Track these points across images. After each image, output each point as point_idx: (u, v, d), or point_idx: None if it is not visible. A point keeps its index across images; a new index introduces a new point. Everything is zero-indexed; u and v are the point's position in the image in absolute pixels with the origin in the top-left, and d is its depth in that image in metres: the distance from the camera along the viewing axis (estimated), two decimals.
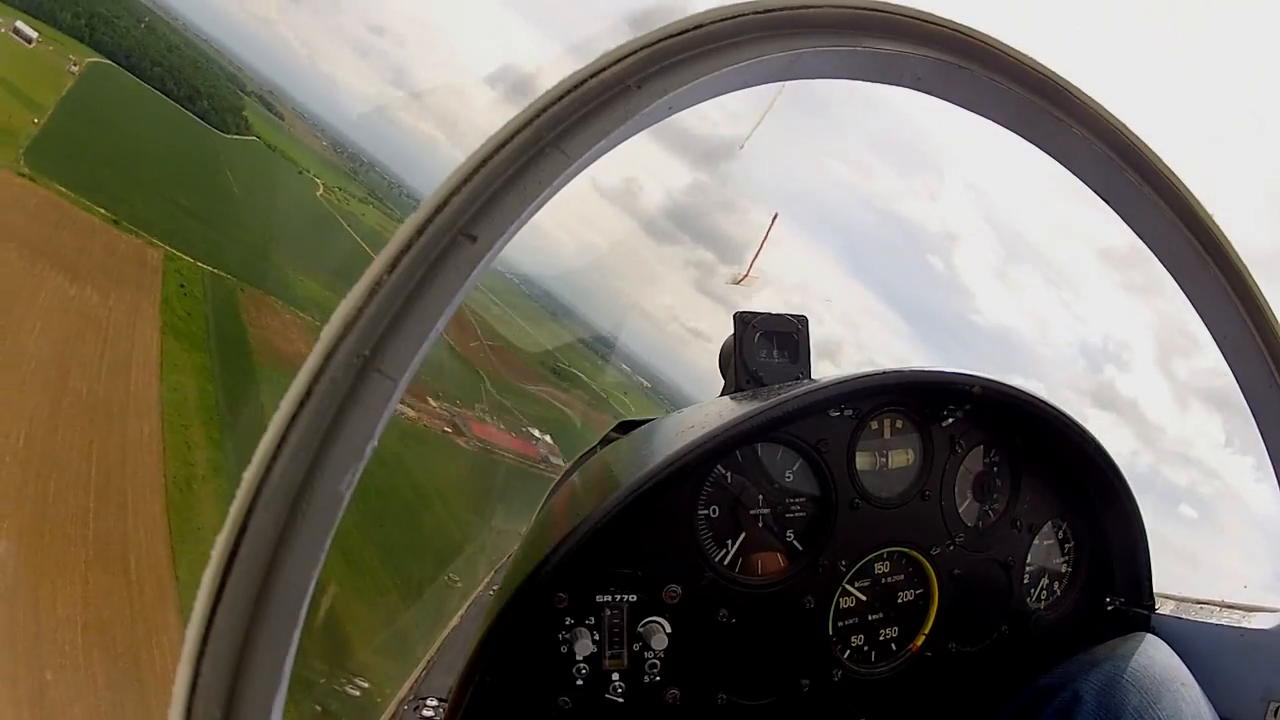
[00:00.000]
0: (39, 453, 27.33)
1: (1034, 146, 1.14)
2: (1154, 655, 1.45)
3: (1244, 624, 1.49)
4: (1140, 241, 1.22)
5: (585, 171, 0.77)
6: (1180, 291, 1.25)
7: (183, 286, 43.05)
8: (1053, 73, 1.06)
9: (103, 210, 43.32)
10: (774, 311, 1.69)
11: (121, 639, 23.54)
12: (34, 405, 28.88)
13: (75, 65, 57.64)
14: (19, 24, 55.56)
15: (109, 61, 63.52)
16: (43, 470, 26.88)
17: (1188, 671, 1.42)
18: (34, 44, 55.28)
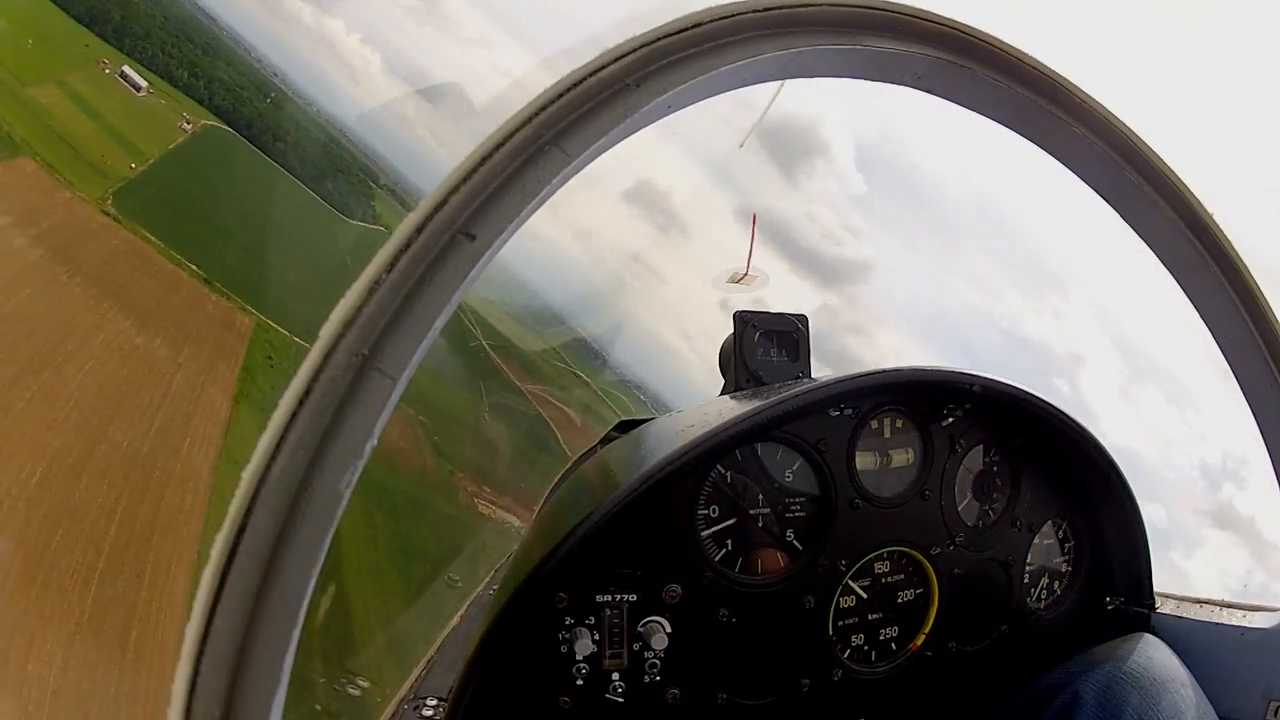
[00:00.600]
0: (53, 496, 24.55)
1: (1035, 145, 1.14)
2: (1154, 656, 1.45)
3: (1244, 623, 1.49)
4: (1141, 241, 1.22)
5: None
6: (1181, 290, 1.25)
7: (270, 359, 38.68)
8: (1053, 71, 1.06)
9: (194, 266, 40.45)
10: (774, 310, 1.69)
11: (97, 712, 20.62)
12: (61, 446, 26.24)
13: (189, 124, 55.27)
14: (127, 69, 53.86)
15: (227, 128, 60.19)
16: (52, 516, 24.02)
17: (1188, 672, 1.42)
18: (143, 93, 53.48)
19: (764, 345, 1.68)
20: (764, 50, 0.87)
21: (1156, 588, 1.69)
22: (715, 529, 1.38)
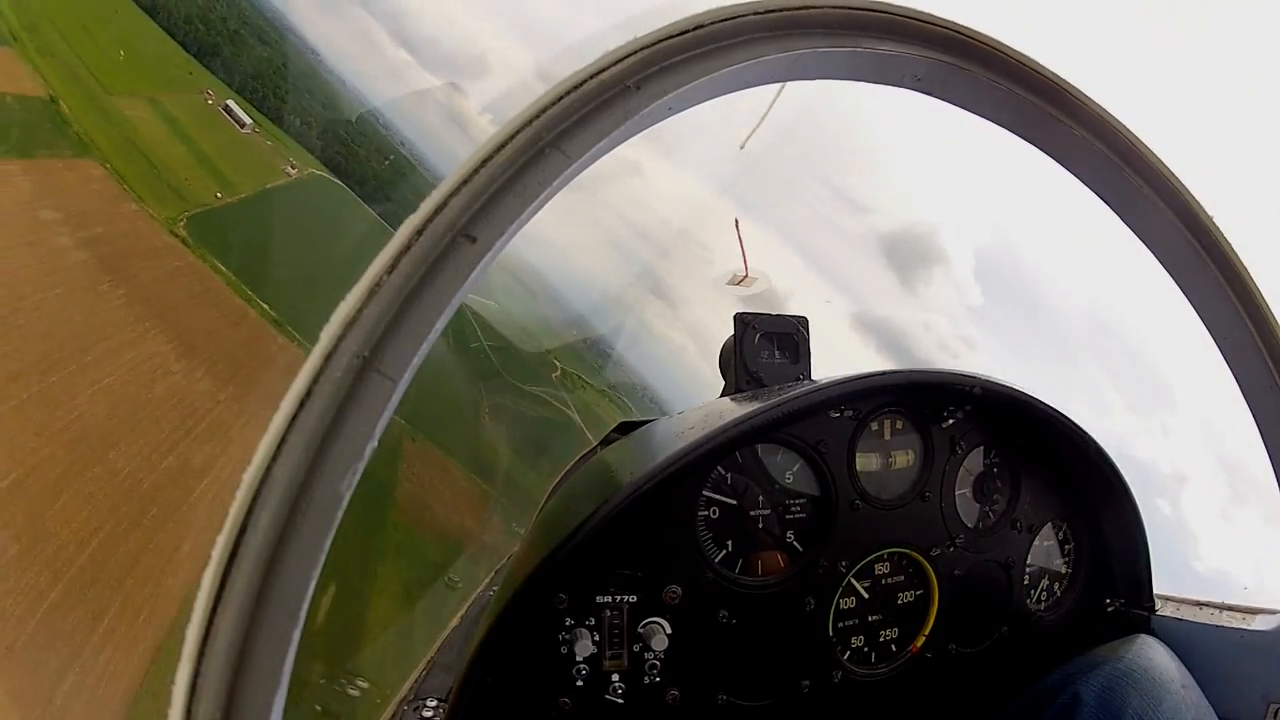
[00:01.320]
0: (21, 507, 21.39)
1: (1034, 147, 1.14)
2: (1154, 657, 1.45)
3: (1244, 625, 1.49)
4: (1140, 242, 1.23)
5: None
6: (1180, 293, 1.25)
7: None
8: (1053, 73, 1.06)
9: (265, 305, 37.36)
10: (774, 313, 1.69)
11: None
12: (46, 457, 23.29)
13: (294, 169, 52.93)
14: (231, 104, 51.89)
15: (337, 180, 58.09)
16: (14, 526, 21.00)
17: (1188, 673, 1.42)
18: (246, 129, 51.37)
19: (765, 347, 1.68)
20: (765, 52, 0.87)
21: (1156, 590, 1.70)
22: (715, 530, 1.38)
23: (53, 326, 27.63)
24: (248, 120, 52.02)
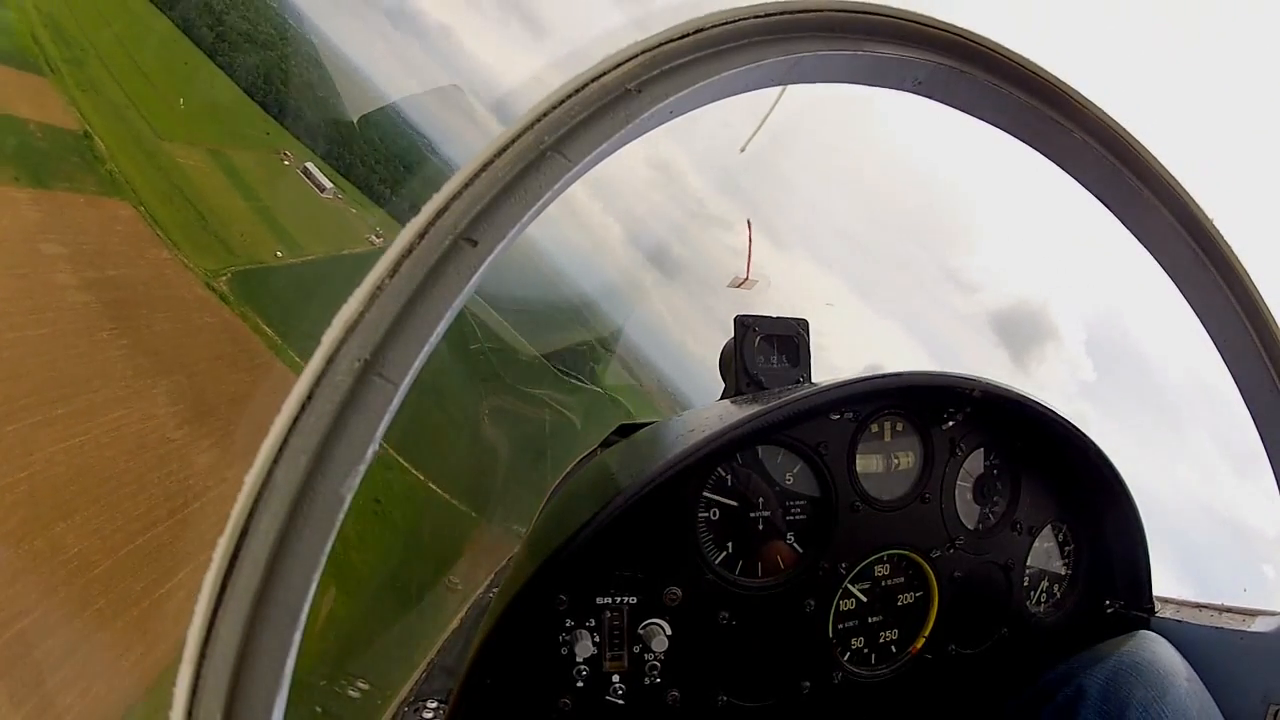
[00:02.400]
0: None
1: (1034, 150, 1.14)
2: (1158, 651, 1.45)
3: (1244, 627, 1.49)
4: (1140, 245, 1.23)
5: None
6: (1180, 295, 1.26)
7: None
8: (1053, 76, 1.06)
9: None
10: (774, 315, 1.70)
11: None
12: None
13: (379, 238, 46.63)
14: (310, 166, 47.21)
15: None
16: None
17: (1191, 668, 1.42)
18: (326, 194, 46.78)
19: (765, 350, 1.69)
20: (766, 55, 0.88)
21: (1156, 592, 1.70)
22: (716, 532, 1.39)
23: (23, 369, 22.63)
24: (329, 185, 48.15)
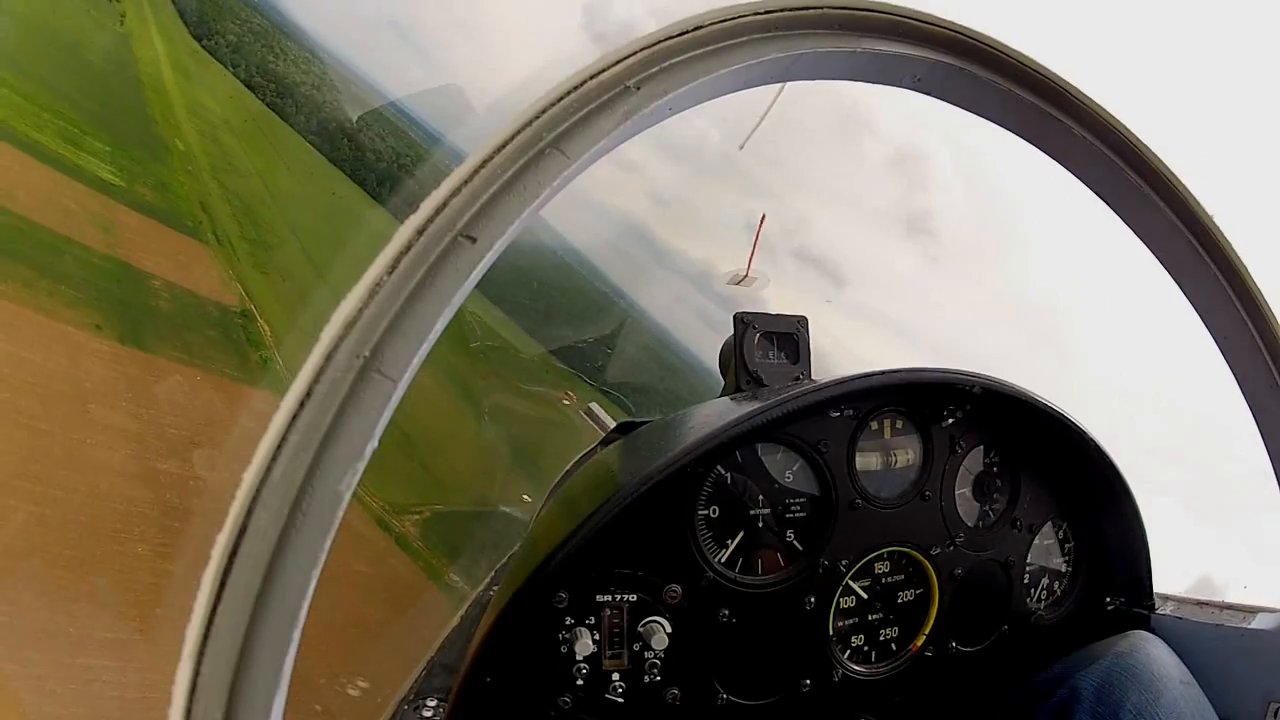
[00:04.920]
0: None
1: (1034, 148, 1.14)
2: (1153, 652, 1.45)
3: (1244, 624, 1.49)
4: (1140, 242, 1.23)
5: None
6: (1181, 293, 1.26)
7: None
8: (1053, 73, 1.06)
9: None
10: (774, 312, 1.69)
11: None
12: None
13: (568, 401, 40.96)
14: (594, 407, 42.17)
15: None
16: None
17: (1187, 669, 1.42)
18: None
19: (764, 347, 1.68)
20: (765, 53, 0.88)
21: (1156, 589, 1.70)
22: (716, 529, 1.39)
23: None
24: (610, 421, 43.91)
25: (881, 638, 1.56)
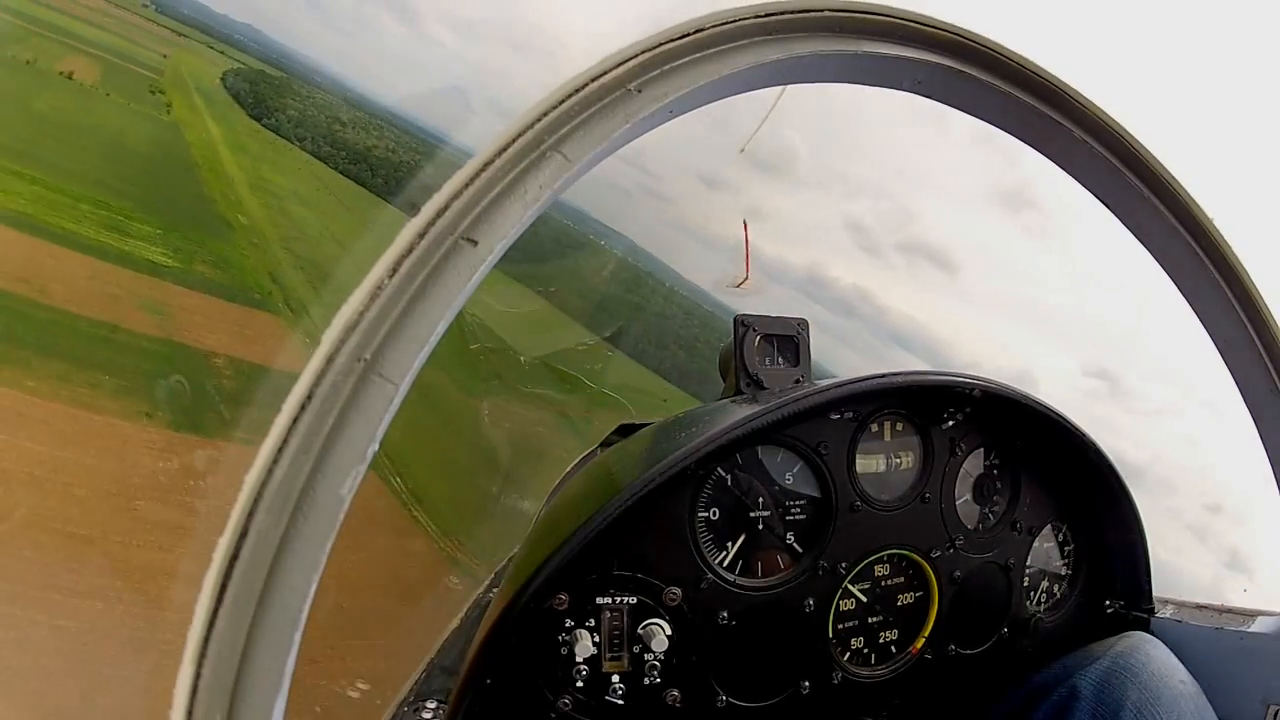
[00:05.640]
0: None
1: (1034, 150, 1.14)
2: (1152, 653, 1.45)
3: (1244, 628, 1.49)
4: (1140, 245, 1.23)
5: None
6: (1180, 295, 1.26)
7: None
8: (1053, 76, 1.06)
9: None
10: (774, 315, 1.69)
11: None
12: None
13: None
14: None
15: None
16: None
17: (1186, 670, 1.42)
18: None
19: (764, 350, 1.68)
20: (766, 55, 0.88)
21: (1156, 592, 1.70)
22: (716, 532, 1.39)
23: None
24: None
25: (881, 640, 1.55)
